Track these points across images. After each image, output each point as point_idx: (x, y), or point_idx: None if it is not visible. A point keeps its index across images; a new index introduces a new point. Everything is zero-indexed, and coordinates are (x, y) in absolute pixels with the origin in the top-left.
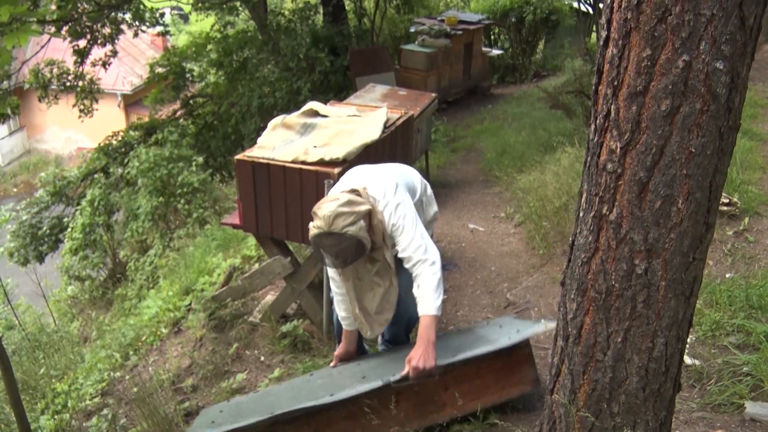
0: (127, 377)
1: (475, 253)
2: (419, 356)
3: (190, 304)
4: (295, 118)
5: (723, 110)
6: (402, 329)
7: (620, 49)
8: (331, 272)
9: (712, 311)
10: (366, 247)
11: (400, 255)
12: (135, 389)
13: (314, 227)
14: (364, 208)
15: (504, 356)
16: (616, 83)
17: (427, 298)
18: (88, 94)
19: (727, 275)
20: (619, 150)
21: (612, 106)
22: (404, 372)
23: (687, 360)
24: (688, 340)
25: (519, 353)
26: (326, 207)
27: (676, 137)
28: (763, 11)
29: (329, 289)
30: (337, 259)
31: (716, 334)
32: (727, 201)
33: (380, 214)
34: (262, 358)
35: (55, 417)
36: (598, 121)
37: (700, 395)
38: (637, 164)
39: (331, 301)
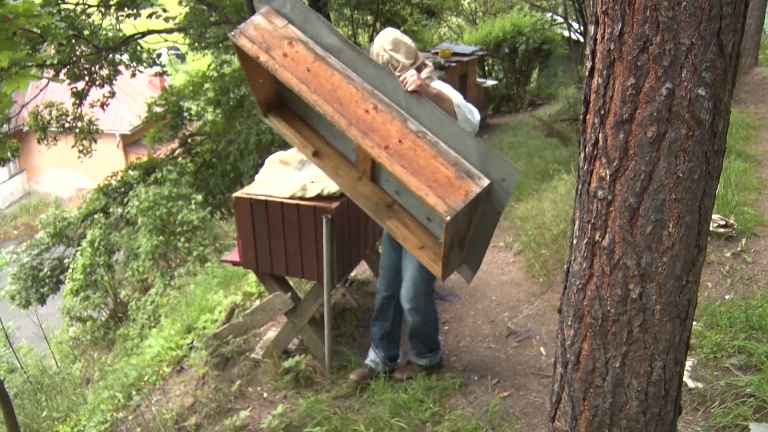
0: (131, 417)
1: (476, 282)
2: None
3: (192, 342)
4: (292, 154)
5: (708, 135)
6: (394, 347)
7: (605, 78)
8: None
9: (713, 333)
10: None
11: None
12: (138, 429)
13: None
14: (420, 54)
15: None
16: (602, 112)
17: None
18: (87, 134)
19: (726, 297)
20: (608, 177)
21: (600, 135)
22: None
23: (689, 383)
24: (690, 364)
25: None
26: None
27: (663, 163)
28: (741, 39)
29: (330, 324)
30: None
31: (718, 356)
32: (724, 223)
33: (429, 77)
34: (265, 395)
35: None
36: (587, 150)
37: (704, 418)
38: (627, 190)
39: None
